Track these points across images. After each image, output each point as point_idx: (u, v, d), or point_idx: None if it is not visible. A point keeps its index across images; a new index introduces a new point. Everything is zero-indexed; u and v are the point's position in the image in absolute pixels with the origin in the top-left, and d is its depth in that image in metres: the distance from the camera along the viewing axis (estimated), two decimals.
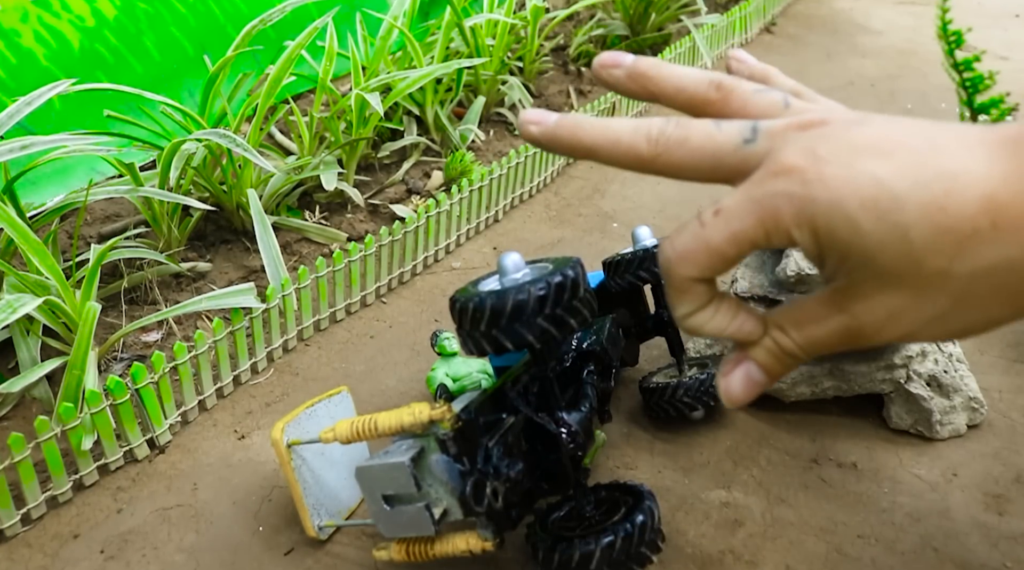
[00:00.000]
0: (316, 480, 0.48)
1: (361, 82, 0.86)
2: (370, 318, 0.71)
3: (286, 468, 0.47)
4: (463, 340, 0.43)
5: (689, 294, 0.34)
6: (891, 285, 0.32)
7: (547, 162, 0.91)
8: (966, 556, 0.50)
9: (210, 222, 0.79)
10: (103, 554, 0.50)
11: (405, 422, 0.41)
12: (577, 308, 0.41)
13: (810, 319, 0.34)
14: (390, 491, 0.43)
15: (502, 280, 0.43)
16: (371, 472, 0.42)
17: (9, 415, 0.59)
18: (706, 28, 1.24)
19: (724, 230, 0.32)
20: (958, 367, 0.61)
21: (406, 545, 0.45)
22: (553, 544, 0.44)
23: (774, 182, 0.32)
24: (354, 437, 0.43)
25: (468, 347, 0.42)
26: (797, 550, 0.51)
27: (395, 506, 0.43)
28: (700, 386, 0.57)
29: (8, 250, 0.64)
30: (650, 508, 0.46)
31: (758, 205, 0.32)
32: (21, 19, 0.87)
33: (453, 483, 0.41)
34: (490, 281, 0.45)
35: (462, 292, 0.44)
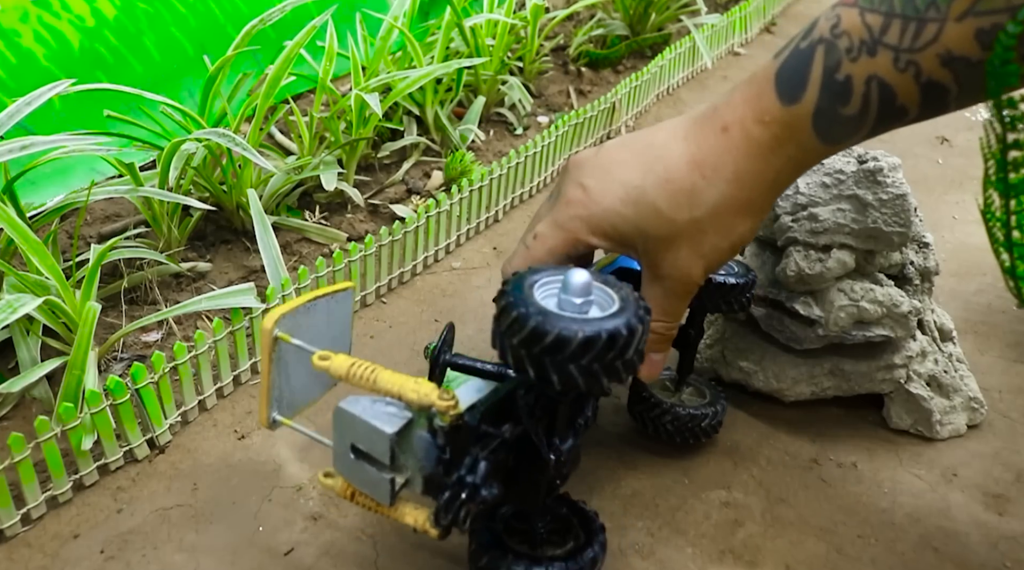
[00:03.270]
0: (288, 376, 0.45)
1: (361, 82, 0.86)
2: (370, 318, 0.71)
3: (265, 356, 0.44)
4: (494, 334, 0.41)
5: None
6: (670, 244, 0.45)
7: (547, 162, 0.91)
8: (966, 556, 0.50)
9: (210, 222, 0.79)
10: (103, 554, 0.50)
11: (406, 394, 0.39)
12: (616, 369, 0.39)
13: (658, 299, 0.47)
14: (362, 447, 0.41)
15: (561, 298, 0.41)
16: (351, 420, 0.40)
17: (9, 415, 0.59)
18: (706, 28, 1.24)
19: (543, 249, 0.47)
20: (958, 367, 0.61)
21: (354, 490, 0.43)
22: (488, 546, 0.44)
23: (567, 210, 0.46)
24: (348, 380, 0.41)
25: (495, 343, 0.41)
26: (797, 550, 0.51)
27: (360, 460, 0.41)
28: (690, 421, 0.56)
29: (8, 250, 0.64)
30: (598, 550, 0.46)
31: (562, 229, 0.47)
32: (21, 19, 0.87)
33: (427, 463, 0.40)
34: (550, 285, 0.43)
35: (517, 286, 0.41)
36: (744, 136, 0.43)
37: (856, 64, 0.40)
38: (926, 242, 0.60)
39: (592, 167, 0.46)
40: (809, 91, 0.41)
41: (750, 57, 1.33)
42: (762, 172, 0.44)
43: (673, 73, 1.17)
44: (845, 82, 0.41)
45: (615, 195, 0.45)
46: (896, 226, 0.55)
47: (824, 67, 0.41)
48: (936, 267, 0.60)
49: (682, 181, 0.44)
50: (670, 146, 0.45)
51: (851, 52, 0.40)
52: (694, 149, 0.44)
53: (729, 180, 0.44)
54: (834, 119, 0.42)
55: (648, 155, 0.45)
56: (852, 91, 0.41)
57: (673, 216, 0.44)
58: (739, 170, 0.43)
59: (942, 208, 0.89)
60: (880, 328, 0.57)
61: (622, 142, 0.47)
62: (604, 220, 0.45)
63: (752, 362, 0.60)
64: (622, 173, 0.45)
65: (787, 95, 0.42)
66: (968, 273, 0.78)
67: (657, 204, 0.44)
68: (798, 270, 0.56)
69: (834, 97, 0.41)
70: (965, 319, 0.71)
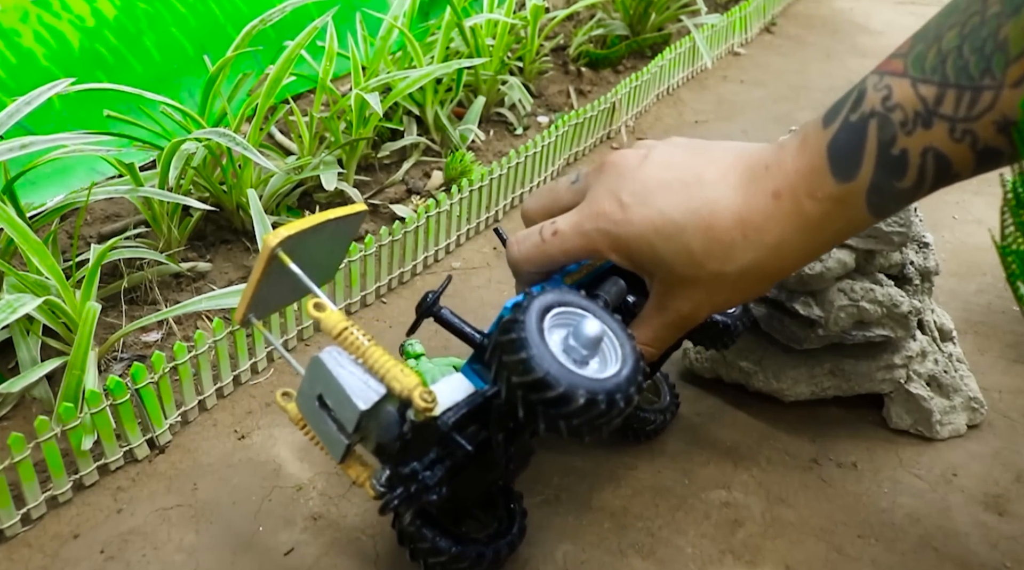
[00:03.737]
0: (272, 287, 0.44)
1: (361, 82, 0.86)
2: (370, 318, 0.71)
3: (258, 269, 0.42)
4: (493, 354, 0.40)
5: (528, 284, 0.49)
6: (689, 285, 0.45)
7: (547, 162, 0.91)
8: (966, 556, 0.50)
9: (210, 222, 0.79)
10: (103, 554, 0.50)
11: (390, 382, 0.38)
12: (600, 429, 0.39)
13: (653, 327, 0.47)
14: (329, 404, 0.40)
15: (569, 343, 0.40)
16: (326, 376, 0.39)
17: (9, 415, 0.59)
18: (706, 28, 1.24)
19: (559, 247, 0.46)
20: (958, 367, 0.61)
21: (306, 425, 0.43)
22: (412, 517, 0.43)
23: (596, 220, 0.45)
24: (335, 340, 0.40)
25: (490, 362, 0.40)
26: (797, 550, 0.51)
27: (322, 411, 0.40)
28: (636, 423, 0.56)
29: (8, 250, 0.64)
30: (513, 538, 0.47)
31: (584, 236, 0.45)
32: (21, 19, 0.87)
33: (386, 436, 0.40)
34: (562, 317, 0.41)
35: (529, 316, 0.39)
36: (796, 209, 0.42)
37: (911, 137, 0.39)
38: (926, 242, 0.60)
39: (633, 181, 0.45)
40: (864, 168, 0.41)
41: (750, 57, 1.33)
42: (804, 245, 0.43)
43: (673, 73, 1.17)
44: (900, 156, 0.40)
45: (651, 222, 0.44)
46: (896, 226, 0.55)
47: (879, 142, 0.40)
48: (936, 267, 0.60)
49: (723, 234, 0.43)
50: (718, 191, 0.43)
51: (906, 126, 0.39)
52: (742, 205, 0.43)
53: (769, 247, 0.43)
54: (888, 193, 0.41)
55: (695, 193, 0.43)
56: (908, 164, 0.40)
57: (703, 262, 0.43)
58: (783, 240, 0.43)
59: (942, 208, 0.89)
60: (880, 328, 0.57)
61: (669, 162, 0.45)
62: (632, 244, 0.44)
63: (752, 362, 0.60)
64: (663, 200, 0.44)
65: (841, 173, 0.41)
66: (968, 273, 0.78)
67: (692, 247, 0.43)
68: (798, 271, 0.56)
69: (889, 172, 0.40)
70: (965, 319, 0.71)
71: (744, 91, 1.20)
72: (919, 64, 0.40)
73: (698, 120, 1.11)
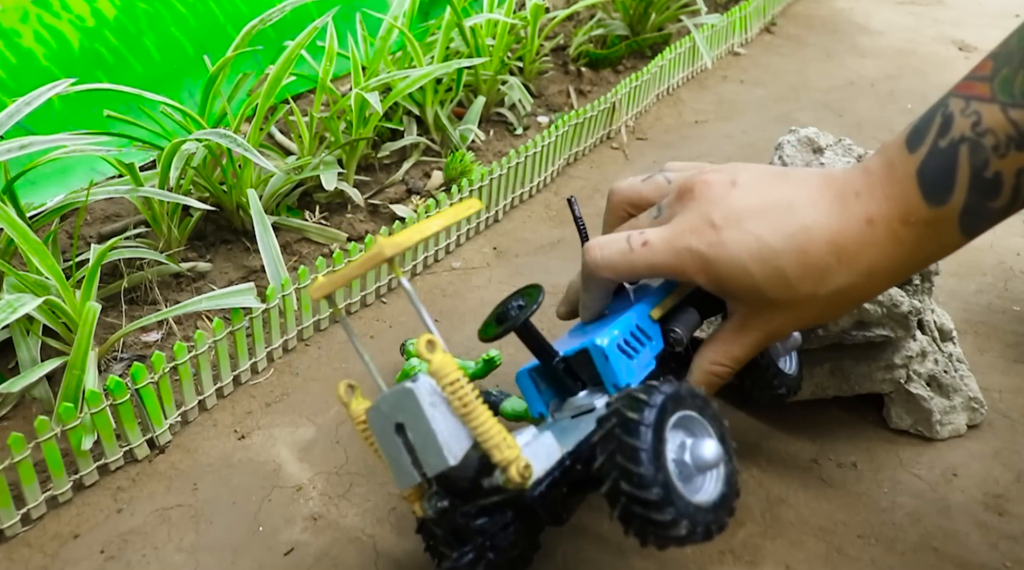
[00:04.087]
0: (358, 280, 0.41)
1: (361, 82, 0.86)
2: (370, 318, 0.71)
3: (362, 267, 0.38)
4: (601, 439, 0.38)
5: (600, 289, 0.49)
6: (778, 308, 0.45)
7: (547, 162, 0.91)
8: (966, 556, 0.50)
9: (210, 222, 0.79)
10: (103, 554, 0.50)
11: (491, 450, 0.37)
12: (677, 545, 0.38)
13: (733, 345, 0.47)
14: (411, 437, 0.38)
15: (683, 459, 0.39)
16: (415, 411, 0.38)
17: (9, 415, 0.59)
18: (706, 28, 1.24)
19: (646, 260, 0.46)
20: (958, 367, 0.61)
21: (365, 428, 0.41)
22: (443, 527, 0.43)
23: (689, 238, 0.45)
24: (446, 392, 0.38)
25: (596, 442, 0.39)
26: (797, 550, 0.51)
27: (398, 439, 0.39)
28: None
29: (8, 250, 0.64)
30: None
31: (675, 254, 0.45)
32: (21, 19, 0.87)
33: (460, 472, 0.39)
34: (685, 423, 0.40)
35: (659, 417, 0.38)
36: (890, 236, 0.43)
37: (1004, 160, 0.40)
38: None
39: (724, 206, 0.45)
40: (957, 193, 0.41)
41: (750, 57, 1.33)
42: (896, 269, 0.44)
43: (673, 73, 1.17)
44: (994, 179, 0.40)
45: (746, 248, 0.44)
46: None
47: (971, 167, 0.41)
48: (936, 267, 0.60)
49: (818, 259, 0.43)
50: (812, 217, 0.44)
51: (999, 149, 0.40)
52: (836, 230, 0.43)
53: (862, 272, 0.43)
54: (982, 214, 0.42)
55: (788, 218, 0.44)
56: (1002, 186, 0.40)
57: (797, 287, 0.44)
58: (875, 266, 0.43)
59: None
60: (880, 328, 0.57)
61: (758, 188, 0.46)
62: (725, 269, 0.44)
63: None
64: (757, 227, 0.44)
65: (934, 197, 0.42)
66: (968, 273, 0.78)
67: (787, 272, 0.44)
68: None
69: (983, 194, 0.41)
70: (965, 319, 0.71)
71: (744, 91, 1.20)
72: (1007, 89, 0.40)
73: (698, 120, 1.11)
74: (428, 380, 0.38)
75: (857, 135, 1.05)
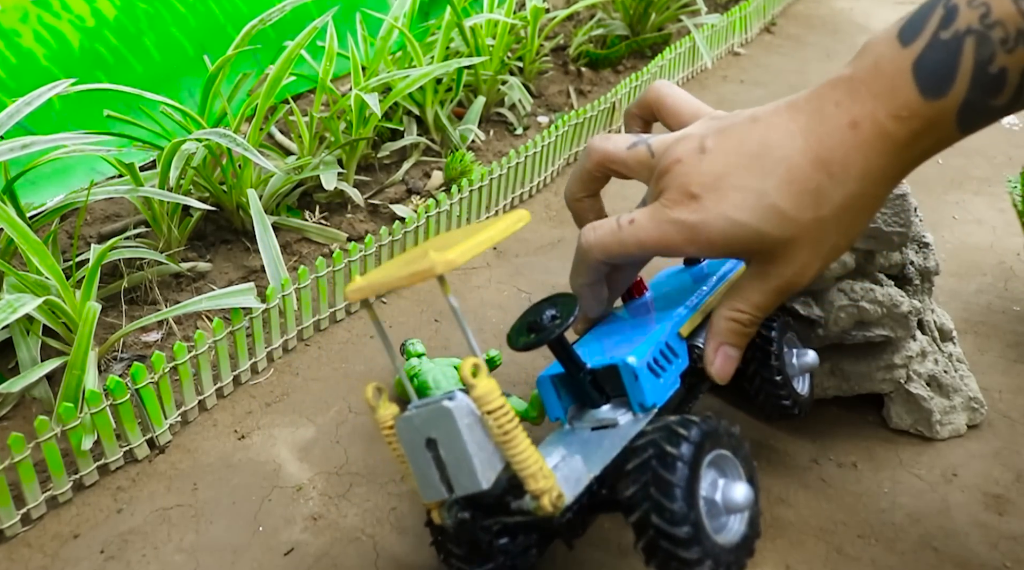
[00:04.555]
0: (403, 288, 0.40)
1: (361, 82, 0.86)
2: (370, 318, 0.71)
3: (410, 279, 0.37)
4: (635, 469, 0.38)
5: (593, 271, 0.49)
6: (793, 247, 0.43)
7: (547, 162, 0.91)
8: (966, 556, 0.50)
9: (210, 222, 0.79)
10: (103, 554, 0.50)
11: (527, 479, 0.37)
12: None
13: (753, 291, 0.45)
14: (443, 454, 0.38)
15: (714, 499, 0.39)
16: (451, 430, 0.37)
17: (9, 415, 0.59)
18: (706, 28, 1.24)
19: (634, 237, 0.45)
20: (958, 367, 0.61)
21: (391, 435, 0.41)
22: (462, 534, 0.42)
23: (673, 210, 0.44)
24: (486, 418, 0.37)
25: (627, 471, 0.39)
26: (797, 550, 0.51)
27: (428, 453, 0.39)
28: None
29: (8, 250, 0.64)
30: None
31: (659, 228, 0.45)
32: (21, 19, 0.87)
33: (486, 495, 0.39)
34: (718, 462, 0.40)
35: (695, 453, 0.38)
36: (878, 133, 0.41)
37: (1013, 55, 0.38)
38: (926, 242, 0.60)
39: (698, 174, 0.44)
40: (957, 85, 0.39)
41: (750, 57, 1.33)
42: (892, 167, 0.42)
43: (673, 73, 1.17)
44: (999, 74, 0.39)
45: (732, 203, 0.43)
46: (896, 226, 0.55)
47: (976, 60, 0.39)
48: (936, 267, 0.60)
49: (807, 181, 0.42)
50: (788, 146, 0.43)
51: (1007, 43, 0.38)
52: (817, 147, 0.42)
53: (857, 178, 0.42)
54: (981, 110, 0.40)
55: (766, 159, 0.43)
56: (1006, 82, 0.39)
57: (797, 217, 0.42)
58: (869, 167, 0.42)
59: (942, 208, 0.89)
60: (880, 328, 0.57)
61: (725, 145, 0.44)
62: (714, 227, 0.43)
63: None
64: (738, 179, 0.43)
65: (931, 90, 0.40)
66: (968, 273, 0.78)
67: (780, 206, 0.42)
68: None
69: (985, 90, 0.39)
70: (965, 319, 0.71)
71: (744, 91, 1.20)
72: None
73: None
74: (466, 400, 0.38)
75: None
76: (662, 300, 0.53)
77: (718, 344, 0.47)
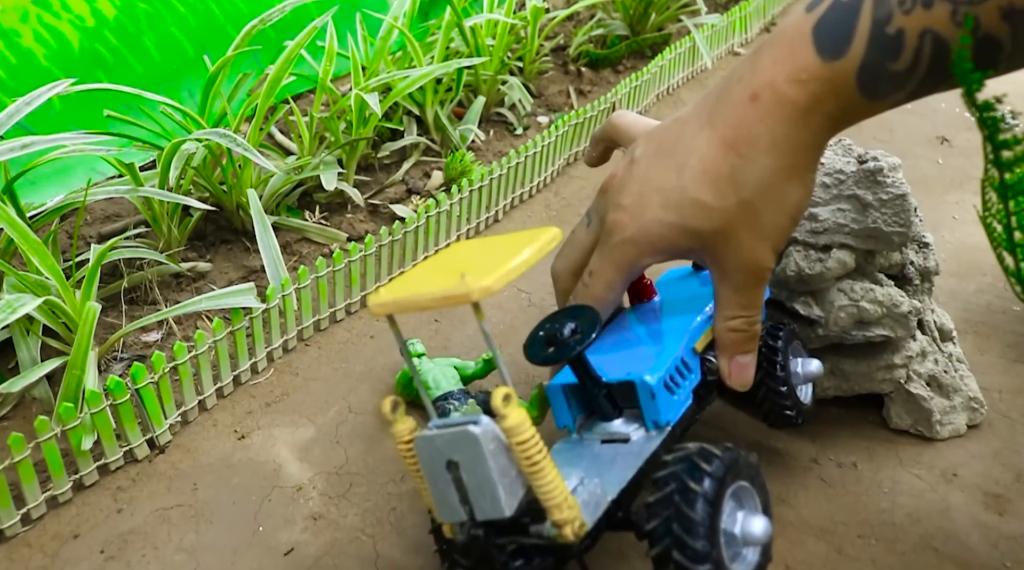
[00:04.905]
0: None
1: (361, 82, 0.86)
2: (370, 318, 0.71)
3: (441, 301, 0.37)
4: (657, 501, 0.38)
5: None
6: (728, 235, 0.43)
7: (547, 162, 0.91)
8: (966, 556, 0.50)
9: (210, 222, 0.79)
10: (103, 554, 0.50)
11: (551, 509, 0.36)
12: None
13: (731, 293, 0.45)
14: (464, 478, 0.37)
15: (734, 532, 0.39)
16: (474, 454, 0.37)
17: (9, 415, 0.59)
18: (706, 28, 1.24)
19: (600, 284, 0.47)
20: (958, 367, 0.61)
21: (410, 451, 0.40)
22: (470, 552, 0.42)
23: (612, 237, 0.45)
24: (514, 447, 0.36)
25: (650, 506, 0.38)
26: (797, 550, 0.51)
27: (448, 475, 0.38)
28: None
29: (8, 250, 0.64)
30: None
31: (611, 259, 0.46)
32: (21, 19, 0.87)
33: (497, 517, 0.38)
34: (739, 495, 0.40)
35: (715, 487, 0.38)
36: (776, 100, 0.40)
37: (909, 17, 0.38)
38: (926, 242, 0.60)
39: (626, 184, 0.45)
40: (855, 45, 0.39)
41: None
42: (800, 135, 0.41)
43: (673, 73, 1.17)
44: (896, 36, 0.38)
45: (656, 204, 0.43)
46: (896, 226, 0.55)
47: (873, 20, 0.38)
48: (936, 267, 0.60)
49: (719, 167, 0.42)
50: (698, 137, 0.43)
51: (904, 4, 0.38)
52: (723, 129, 0.42)
53: (767, 151, 0.41)
54: (881, 74, 0.39)
55: (679, 154, 0.43)
56: (903, 45, 0.38)
57: (720, 205, 0.42)
58: (776, 137, 0.41)
59: (942, 208, 0.89)
60: (880, 328, 0.57)
61: (648, 150, 0.45)
62: (651, 233, 0.44)
63: None
64: (657, 180, 0.44)
65: (828, 50, 0.39)
66: (968, 273, 0.78)
67: (701, 198, 0.42)
68: (798, 270, 0.56)
69: (883, 51, 0.39)
70: (965, 319, 0.71)
71: None
72: None
73: None
74: (491, 426, 0.37)
75: (856, 135, 1.05)
76: (672, 306, 0.52)
77: (729, 357, 0.47)
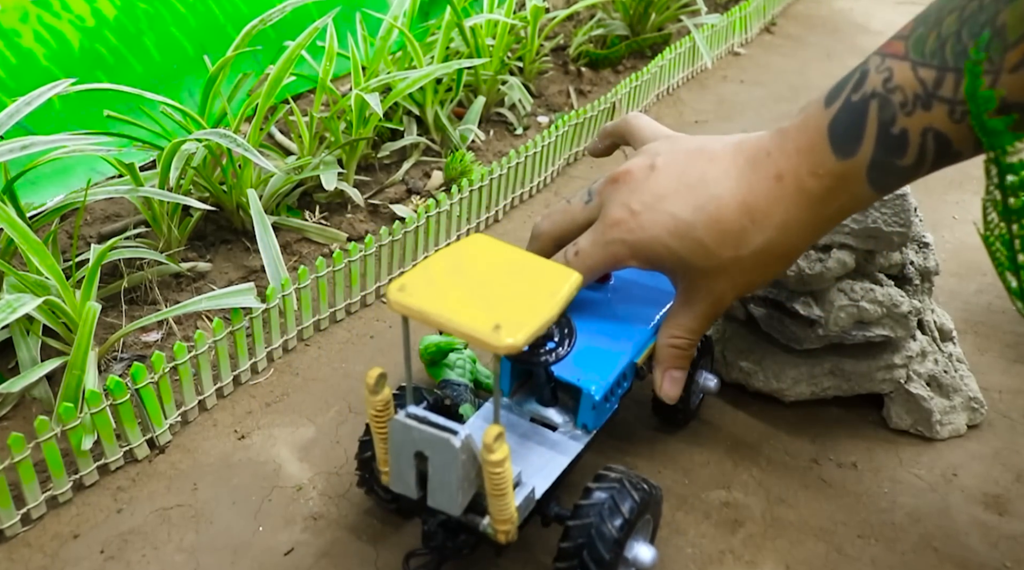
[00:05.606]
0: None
1: (361, 82, 0.86)
2: (370, 318, 0.71)
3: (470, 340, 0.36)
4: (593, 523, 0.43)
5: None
6: (711, 276, 0.47)
7: (547, 162, 0.91)
8: (966, 556, 0.50)
9: (210, 222, 0.79)
10: (103, 554, 0.50)
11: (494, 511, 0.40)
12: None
13: (684, 317, 0.50)
14: (429, 471, 0.40)
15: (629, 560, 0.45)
16: (446, 454, 0.39)
17: (9, 415, 0.59)
18: (706, 28, 1.24)
19: (582, 265, 0.49)
20: (958, 367, 0.61)
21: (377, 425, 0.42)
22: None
23: (610, 232, 0.48)
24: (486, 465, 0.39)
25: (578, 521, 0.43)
26: (797, 550, 0.51)
27: (412, 461, 0.40)
28: None
29: (8, 250, 0.64)
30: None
31: (603, 249, 0.49)
32: (21, 19, 0.87)
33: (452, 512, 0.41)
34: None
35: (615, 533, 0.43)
36: (798, 187, 0.44)
37: (911, 118, 0.41)
38: (926, 242, 0.60)
39: (642, 192, 0.48)
40: (864, 145, 0.42)
41: (750, 57, 1.33)
42: (810, 221, 0.45)
43: (673, 73, 1.17)
44: (901, 135, 0.41)
45: (663, 226, 0.47)
46: (896, 226, 0.55)
47: (879, 121, 0.42)
48: (936, 267, 0.60)
49: (732, 223, 0.45)
50: (722, 186, 0.46)
51: (905, 106, 0.41)
52: (746, 192, 0.45)
53: (777, 227, 0.45)
54: (889, 170, 0.42)
55: (700, 192, 0.46)
56: (908, 143, 0.41)
57: (718, 253, 0.46)
58: (788, 219, 0.45)
59: (942, 208, 0.89)
60: (880, 328, 0.57)
61: (673, 168, 0.48)
62: (648, 248, 0.47)
63: (752, 362, 0.60)
64: (672, 205, 0.47)
65: (842, 149, 0.43)
66: (968, 273, 0.78)
67: (704, 241, 0.46)
68: (798, 270, 0.56)
69: (890, 150, 0.42)
70: (965, 319, 0.71)
71: (744, 91, 1.20)
72: (919, 48, 0.41)
73: (698, 120, 1.11)
74: (468, 440, 0.39)
75: None
76: (624, 304, 0.55)
77: (664, 370, 0.51)
